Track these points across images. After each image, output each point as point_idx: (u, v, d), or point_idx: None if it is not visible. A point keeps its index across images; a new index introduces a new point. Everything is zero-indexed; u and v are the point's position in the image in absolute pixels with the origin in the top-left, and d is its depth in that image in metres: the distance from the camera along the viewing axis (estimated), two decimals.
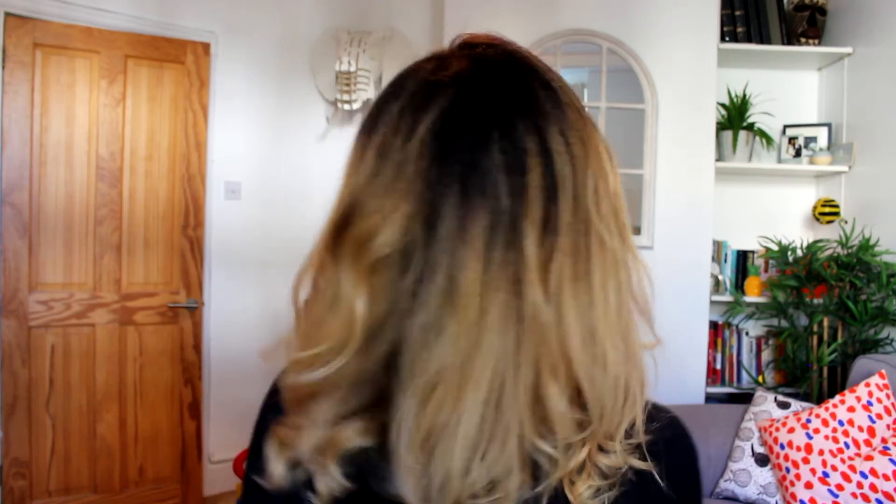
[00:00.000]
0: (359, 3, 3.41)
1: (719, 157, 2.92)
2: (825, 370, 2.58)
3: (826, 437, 1.99)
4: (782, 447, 2.05)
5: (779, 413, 2.19)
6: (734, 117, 2.91)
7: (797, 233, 3.02)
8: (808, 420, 2.05)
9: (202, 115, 3.00)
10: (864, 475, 1.87)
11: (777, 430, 2.10)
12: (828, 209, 2.84)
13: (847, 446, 1.95)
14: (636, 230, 2.80)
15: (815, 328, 2.62)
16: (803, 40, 2.94)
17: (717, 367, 2.98)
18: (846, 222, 2.72)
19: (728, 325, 3.00)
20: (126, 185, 2.84)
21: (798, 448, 2.01)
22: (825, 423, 2.02)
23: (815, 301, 2.65)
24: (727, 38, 2.91)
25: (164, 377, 2.94)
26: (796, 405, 2.21)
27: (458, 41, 0.51)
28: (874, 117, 2.71)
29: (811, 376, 2.59)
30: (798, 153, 2.99)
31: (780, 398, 2.26)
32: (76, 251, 2.74)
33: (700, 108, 2.78)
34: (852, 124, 2.85)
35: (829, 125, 2.97)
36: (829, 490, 1.90)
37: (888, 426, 1.98)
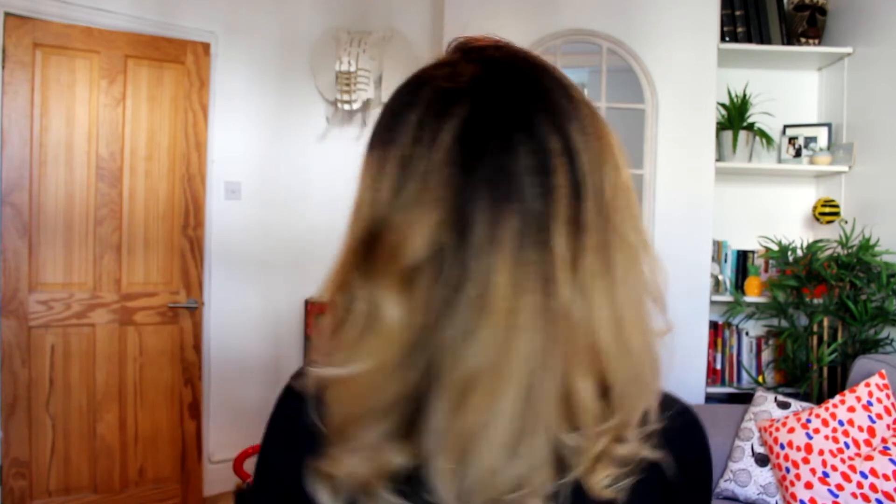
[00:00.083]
0: (359, 3, 3.41)
1: (719, 157, 2.92)
2: (825, 370, 2.58)
3: (826, 437, 1.99)
4: (782, 447, 2.05)
5: (779, 413, 2.19)
6: (734, 117, 2.91)
7: (797, 233, 3.02)
8: (808, 420, 2.05)
9: (202, 115, 3.00)
10: (864, 475, 1.87)
11: (777, 430, 2.10)
12: (828, 209, 2.84)
13: (847, 446, 1.95)
14: None
15: (815, 328, 2.62)
16: (803, 40, 2.94)
17: (718, 367, 2.98)
18: (846, 222, 2.72)
19: (728, 325, 2.99)
20: (126, 185, 2.84)
21: (798, 448, 2.01)
22: (825, 423, 2.02)
23: (816, 301, 2.65)
24: (727, 38, 2.91)
25: (164, 377, 2.94)
26: (796, 405, 2.21)
27: (454, 44, 0.51)
28: (874, 117, 2.70)
29: (811, 376, 2.58)
30: (798, 153, 2.99)
31: (780, 398, 2.26)
32: (76, 251, 2.74)
33: (700, 108, 2.78)
34: (852, 124, 2.85)
35: (829, 125, 2.97)
36: (829, 490, 1.90)
37: (888, 426, 1.98)
